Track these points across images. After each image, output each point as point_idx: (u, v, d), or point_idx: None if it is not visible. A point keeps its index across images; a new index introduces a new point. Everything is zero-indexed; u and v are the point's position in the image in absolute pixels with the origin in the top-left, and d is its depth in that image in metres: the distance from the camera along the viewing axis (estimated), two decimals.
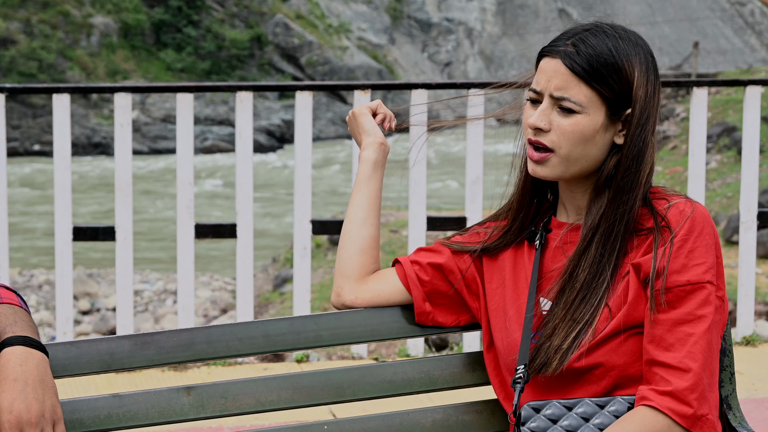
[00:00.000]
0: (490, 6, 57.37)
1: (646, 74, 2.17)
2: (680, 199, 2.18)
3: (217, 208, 27.48)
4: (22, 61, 42.01)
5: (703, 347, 2.10)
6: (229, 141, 38.75)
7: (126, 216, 5.37)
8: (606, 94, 2.15)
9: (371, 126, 2.46)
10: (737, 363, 4.92)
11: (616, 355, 2.15)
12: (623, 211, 2.17)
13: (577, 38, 2.17)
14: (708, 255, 2.13)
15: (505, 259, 2.32)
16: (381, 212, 2.46)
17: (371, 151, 2.42)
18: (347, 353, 5.92)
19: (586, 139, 2.17)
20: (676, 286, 2.12)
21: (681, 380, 2.08)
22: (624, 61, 2.16)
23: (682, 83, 6.22)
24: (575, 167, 2.19)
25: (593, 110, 2.16)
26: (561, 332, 2.17)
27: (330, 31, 50.14)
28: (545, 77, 2.18)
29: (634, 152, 2.17)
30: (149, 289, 17.32)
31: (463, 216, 5.63)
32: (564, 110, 2.17)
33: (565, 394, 2.18)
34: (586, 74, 2.15)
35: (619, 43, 2.17)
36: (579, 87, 2.15)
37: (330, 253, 15.46)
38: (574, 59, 2.15)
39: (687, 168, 5.81)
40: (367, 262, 2.38)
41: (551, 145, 2.18)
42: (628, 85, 2.16)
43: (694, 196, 5.66)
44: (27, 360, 2.03)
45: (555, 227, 2.28)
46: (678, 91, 23.22)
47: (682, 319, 2.11)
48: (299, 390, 2.30)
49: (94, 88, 6.46)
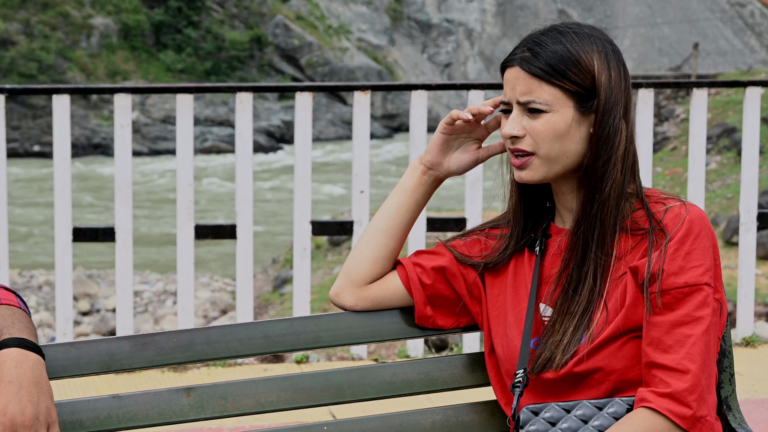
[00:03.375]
0: (489, 7, 57.39)
1: (606, 61, 2.19)
2: (677, 203, 2.18)
3: (218, 208, 27.48)
4: (21, 62, 42.03)
5: (702, 349, 2.10)
6: (229, 142, 38.76)
7: (126, 217, 5.37)
8: (569, 87, 2.17)
9: (431, 142, 2.38)
10: (737, 364, 4.92)
11: (615, 359, 2.15)
12: (605, 204, 2.17)
13: (532, 43, 2.20)
14: (705, 257, 2.14)
15: (507, 266, 2.32)
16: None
17: (416, 159, 2.39)
18: (347, 354, 5.92)
19: (561, 135, 2.18)
20: (674, 288, 2.12)
21: (680, 382, 2.08)
22: (581, 53, 2.17)
23: (681, 84, 6.21)
24: (558, 165, 2.20)
25: (561, 106, 2.17)
26: (560, 329, 2.18)
27: (330, 32, 50.16)
28: (510, 87, 2.21)
29: (603, 137, 2.17)
30: (149, 290, 17.32)
31: (463, 217, 5.63)
32: (533, 112, 2.18)
33: (565, 399, 2.19)
34: (546, 74, 2.16)
35: (574, 38, 2.19)
36: (542, 87, 2.17)
37: (330, 254, 15.46)
38: (531, 63, 2.17)
39: (687, 169, 5.82)
40: (376, 272, 2.36)
41: (530, 148, 2.19)
42: (590, 74, 2.17)
43: (694, 197, 5.65)
44: (22, 362, 2.03)
45: (554, 233, 2.28)
46: (678, 92, 23.23)
47: (680, 321, 2.11)
48: (299, 391, 2.30)
49: (93, 88, 6.46)
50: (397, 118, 46.21)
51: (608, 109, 2.17)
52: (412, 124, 5.49)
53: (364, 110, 5.48)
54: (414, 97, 5.49)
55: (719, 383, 2.36)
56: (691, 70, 31.76)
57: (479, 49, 56.00)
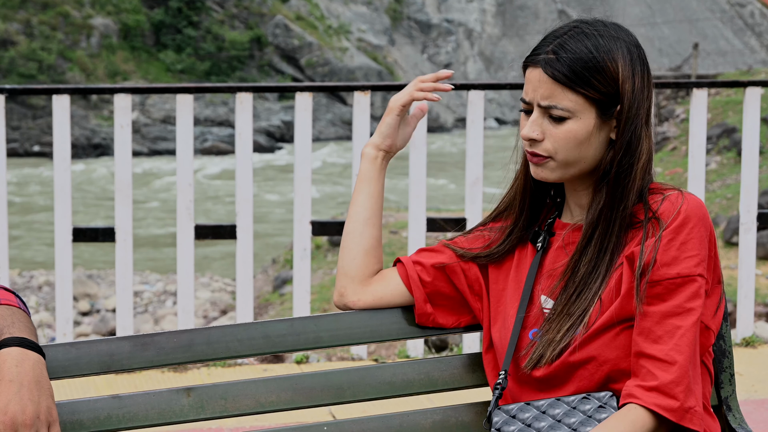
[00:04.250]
0: (489, 7, 57.38)
1: (631, 67, 2.16)
2: (674, 192, 2.17)
3: (217, 209, 27.47)
4: (21, 62, 42.02)
5: (690, 340, 2.10)
6: (229, 142, 38.75)
7: (126, 217, 5.37)
8: (593, 95, 2.15)
9: (382, 124, 2.42)
10: (737, 364, 4.91)
11: (609, 348, 2.15)
12: (620, 206, 2.17)
13: (556, 44, 2.17)
14: (701, 248, 2.13)
15: (511, 260, 2.32)
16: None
17: (369, 148, 2.41)
18: (347, 354, 5.92)
19: (581, 142, 2.17)
20: (666, 279, 2.12)
21: (666, 373, 2.08)
22: (606, 59, 2.15)
23: (681, 84, 6.21)
24: (574, 169, 2.20)
25: (583, 114, 2.16)
26: (555, 326, 2.18)
27: (330, 33, 50.14)
28: (531, 87, 2.18)
29: (626, 146, 2.17)
30: (149, 290, 17.32)
31: (463, 217, 5.63)
32: (554, 118, 2.17)
33: (559, 388, 2.19)
34: (569, 80, 2.14)
35: (599, 41, 2.16)
36: (564, 94, 2.15)
37: (330, 255, 15.46)
38: (555, 67, 2.15)
39: (687, 169, 5.81)
40: (370, 263, 2.37)
41: (547, 153, 2.19)
42: (614, 81, 2.15)
43: None
44: (23, 361, 2.03)
45: (558, 229, 2.28)
46: (678, 93, 23.22)
47: (671, 312, 2.11)
48: (299, 391, 2.30)
49: (93, 89, 6.46)
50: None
51: (632, 117, 2.16)
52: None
53: (364, 110, 5.48)
54: None
55: (719, 383, 2.36)
56: (691, 70, 31.74)
57: (479, 50, 55.98)
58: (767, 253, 12.57)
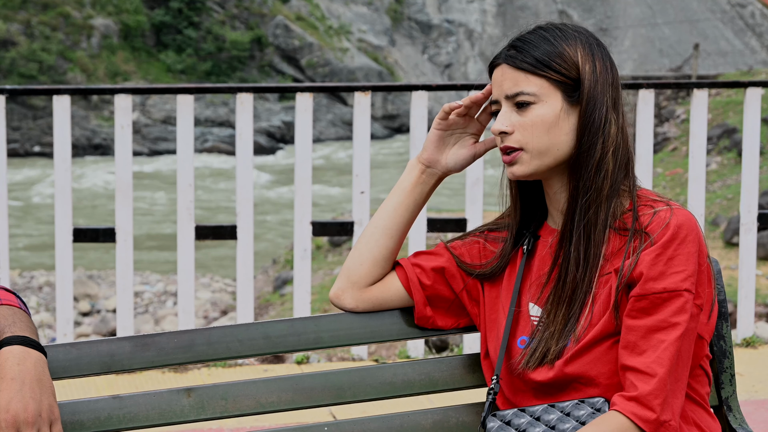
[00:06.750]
0: (490, 8, 57.40)
1: (590, 51, 2.20)
2: (664, 207, 2.16)
3: (217, 209, 27.48)
4: (22, 62, 42.02)
5: (672, 354, 2.09)
6: (230, 142, 38.75)
7: (126, 217, 5.37)
8: (555, 77, 2.18)
9: (426, 139, 2.35)
10: (737, 365, 4.91)
11: (601, 363, 2.15)
12: (595, 197, 2.16)
13: (515, 41, 2.23)
14: (689, 263, 2.12)
15: (505, 268, 2.33)
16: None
17: (413, 158, 2.40)
18: (347, 355, 5.92)
19: (549, 126, 2.18)
20: (652, 293, 2.11)
21: (646, 385, 2.09)
22: (564, 45, 2.20)
23: (682, 85, 6.22)
24: (548, 158, 2.19)
25: (548, 97, 2.18)
26: (542, 336, 2.18)
27: (330, 33, 50.14)
28: (497, 85, 2.22)
29: (589, 126, 2.17)
30: (149, 291, 17.33)
31: (463, 218, 5.63)
32: (521, 105, 2.19)
33: (555, 397, 2.19)
34: (531, 66, 2.18)
35: (557, 33, 2.22)
36: (528, 79, 2.18)
37: (330, 255, 15.46)
38: (516, 58, 2.20)
39: (687, 169, 5.82)
40: (376, 273, 2.35)
41: (518, 144, 2.19)
42: (574, 64, 2.19)
43: (695, 197, 5.65)
44: (25, 359, 2.04)
45: (546, 233, 2.28)
46: (678, 93, 23.22)
47: (656, 326, 2.11)
48: (299, 391, 2.30)
49: (94, 89, 6.45)
50: (397, 119, 46.19)
51: (593, 98, 2.18)
52: (413, 125, 5.50)
53: (365, 111, 5.48)
54: (414, 98, 5.49)
55: (720, 384, 2.36)
56: (691, 70, 31.73)
57: (480, 50, 56.00)
58: (767, 254, 12.57)
